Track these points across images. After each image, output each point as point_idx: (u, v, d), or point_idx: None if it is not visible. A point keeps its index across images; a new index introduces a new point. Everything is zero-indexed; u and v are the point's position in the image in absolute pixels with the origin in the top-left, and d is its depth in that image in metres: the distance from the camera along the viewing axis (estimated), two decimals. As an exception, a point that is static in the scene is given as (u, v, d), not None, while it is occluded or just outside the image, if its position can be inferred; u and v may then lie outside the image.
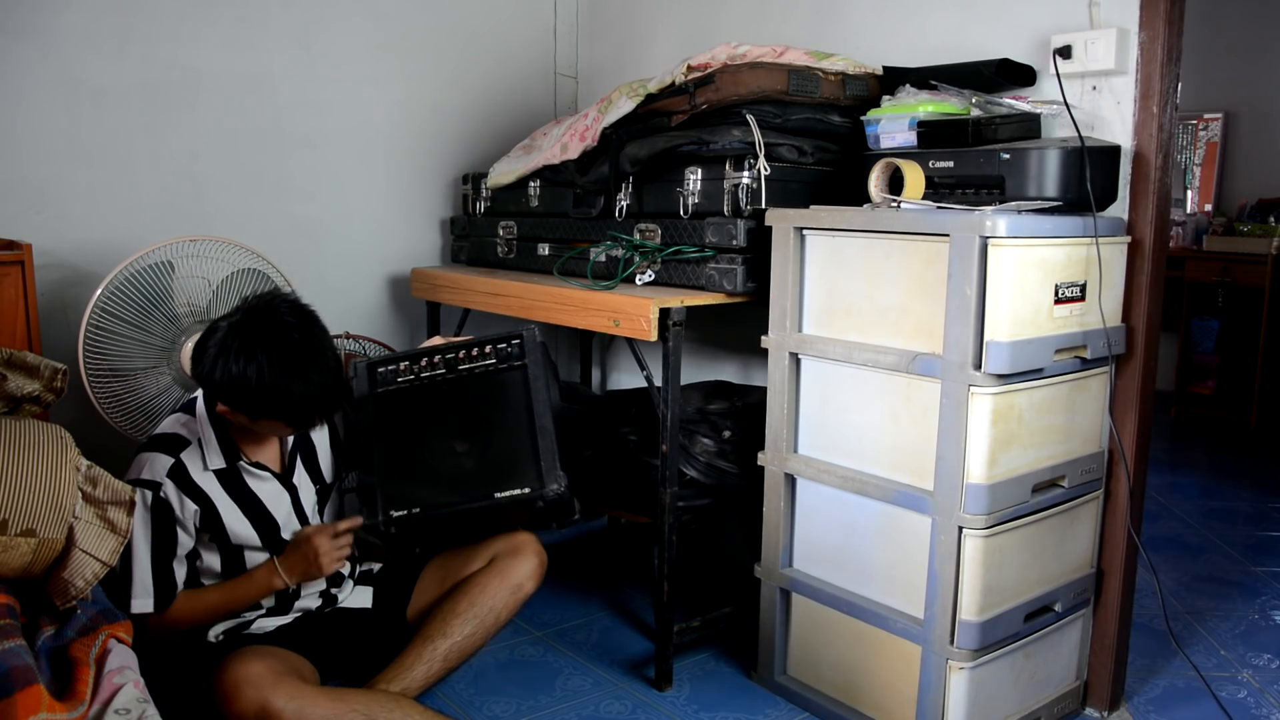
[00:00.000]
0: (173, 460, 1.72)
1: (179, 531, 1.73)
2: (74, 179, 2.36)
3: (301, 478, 1.88)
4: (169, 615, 1.74)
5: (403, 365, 1.95)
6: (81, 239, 2.36)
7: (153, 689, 1.38)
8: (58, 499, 1.41)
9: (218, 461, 1.76)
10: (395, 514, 1.81)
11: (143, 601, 1.70)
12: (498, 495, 1.81)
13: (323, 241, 2.77)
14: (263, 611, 1.85)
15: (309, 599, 1.89)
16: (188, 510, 1.73)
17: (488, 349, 1.94)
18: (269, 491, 1.82)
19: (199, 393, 1.80)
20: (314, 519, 1.90)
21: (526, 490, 1.81)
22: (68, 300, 2.32)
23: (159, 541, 1.71)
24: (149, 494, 1.69)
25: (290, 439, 1.87)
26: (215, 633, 1.82)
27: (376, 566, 2.06)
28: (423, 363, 1.95)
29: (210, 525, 1.76)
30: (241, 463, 1.78)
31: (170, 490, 1.71)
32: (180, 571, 1.75)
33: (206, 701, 1.63)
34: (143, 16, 2.41)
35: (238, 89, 2.58)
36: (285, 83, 2.66)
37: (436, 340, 2.05)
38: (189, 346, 2.12)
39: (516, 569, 1.94)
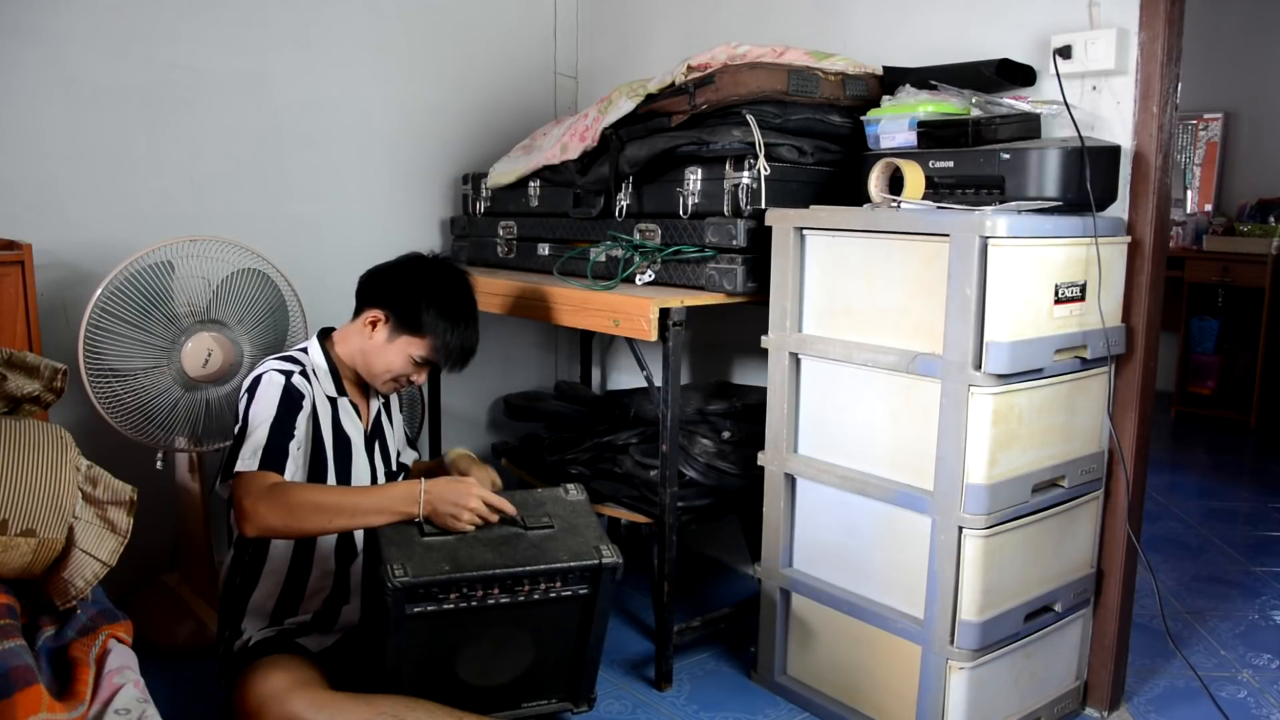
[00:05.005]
0: (299, 368, 1.82)
1: (295, 429, 1.74)
2: (74, 179, 2.36)
3: (378, 448, 1.96)
4: (279, 492, 1.61)
5: (453, 595, 1.58)
6: (81, 239, 2.36)
7: (152, 689, 1.38)
8: (58, 499, 1.41)
9: (331, 389, 1.88)
10: None
11: (248, 461, 1.65)
12: (524, 705, 1.75)
13: (323, 241, 2.77)
14: (305, 617, 1.78)
15: (351, 613, 1.82)
16: (307, 407, 1.79)
17: (557, 582, 1.64)
18: (356, 438, 1.90)
19: (306, 344, 1.92)
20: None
21: (553, 702, 1.77)
22: (68, 300, 2.32)
23: (281, 418, 1.73)
24: (282, 378, 1.77)
25: (375, 405, 1.97)
26: (253, 637, 1.73)
27: None
28: (479, 592, 1.59)
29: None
30: (346, 398, 1.89)
31: (299, 381, 1.79)
32: (294, 455, 1.72)
33: (230, 716, 1.59)
34: (143, 16, 2.41)
35: (238, 89, 2.58)
36: (285, 83, 2.66)
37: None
38: (189, 346, 2.12)
39: None
